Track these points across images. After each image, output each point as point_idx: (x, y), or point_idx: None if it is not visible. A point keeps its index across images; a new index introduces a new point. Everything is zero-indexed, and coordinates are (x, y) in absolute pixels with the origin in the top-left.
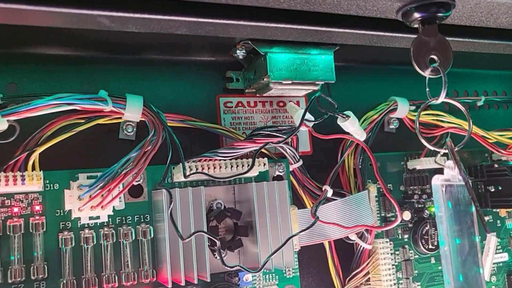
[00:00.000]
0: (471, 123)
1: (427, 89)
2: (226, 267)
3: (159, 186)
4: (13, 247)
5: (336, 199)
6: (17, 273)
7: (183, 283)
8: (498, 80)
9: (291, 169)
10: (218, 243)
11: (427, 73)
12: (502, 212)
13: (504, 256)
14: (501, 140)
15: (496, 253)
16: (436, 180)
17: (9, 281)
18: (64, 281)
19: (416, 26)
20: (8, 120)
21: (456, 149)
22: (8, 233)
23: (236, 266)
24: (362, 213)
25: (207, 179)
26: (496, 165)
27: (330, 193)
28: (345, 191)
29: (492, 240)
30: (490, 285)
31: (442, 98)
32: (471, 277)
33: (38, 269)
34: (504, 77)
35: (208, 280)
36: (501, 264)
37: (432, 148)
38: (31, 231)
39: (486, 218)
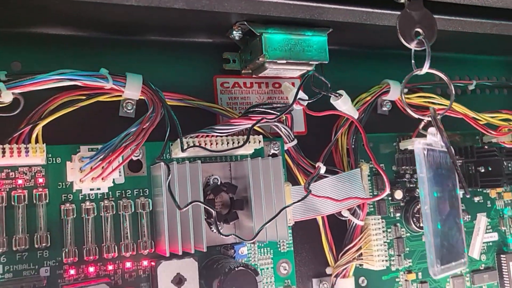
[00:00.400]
0: (453, 90)
1: (413, 61)
2: (222, 239)
3: (158, 160)
4: (17, 217)
5: (328, 176)
6: (21, 242)
7: (180, 253)
8: (489, 66)
9: (286, 148)
10: (214, 212)
11: (412, 46)
12: (492, 193)
13: (494, 236)
14: (492, 122)
15: (486, 232)
16: (418, 144)
17: (14, 249)
18: (66, 250)
19: (402, 1)
20: (13, 93)
21: (439, 116)
22: (13, 203)
23: (231, 235)
24: (354, 190)
25: (204, 156)
26: (486, 147)
27: (323, 170)
28: (338, 169)
29: (482, 220)
30: (480, 263)
31: (426, 69)
32: (452, 236)
33: (41, 238)
34: (495, 63)
35: (205, 250)
36: (490, 244)
37: (415, 115)
38: (34, 202)
39: (476, 199)
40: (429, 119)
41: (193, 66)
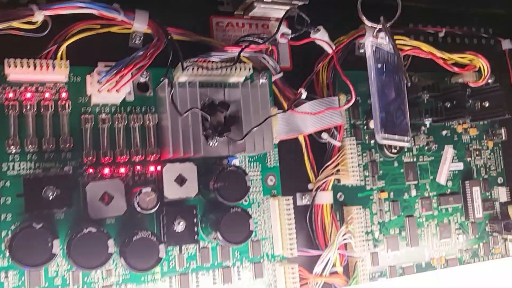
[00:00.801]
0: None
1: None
2: (218, 151)
3: (162, 78)
4: (45, 123)
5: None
6: (49, 143)
7: (181, 156)
8: (461, 18)
9: (273, 80)
10: (209, 118)
11: None
12: (459, 129)
13: (460, 165)
14: (460, 61)
15: (453, 162)
16: (368, 41)
17: (43, 148)
18: (85, 152)
19: None
20: (43, 15)
21: (388, 24)
22: (42, 112)
23: (226, 135)
24: (332, 113)
25: (201, 81)
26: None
27: (304, 95)
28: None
29: (449, 151)
30: (447, 188)
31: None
32: (397, 117)
33: (65, 140)
34: (466, 15)
35: (202, 154)
36: (456, 172)
37: (368, 23)
38: (59, 111)
39: (444, 132)
40: (381, 26)
41: (191, 7)
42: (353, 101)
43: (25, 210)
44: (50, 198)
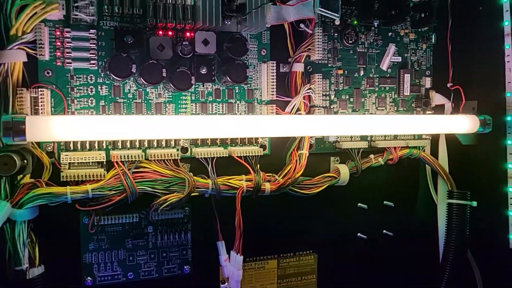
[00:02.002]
0: None
1: None
2: (230, 29)
3: None
4: None
5: None
6: (128, 10)
7: None
8: None
9: None
10: (226, 4)
11: None
12: (402, 32)
13: (399, 59)
14: None
15: (394, 56)
16: None
17: (124, 13)
18: (149, 18)
19: None
20: None
21: None
22: None
23: (236, 16)
24: (306, 8)
25: None
26: None
27: None
28: None
29: (392, 47)
30: (387, 73)
31: None
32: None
33: (138, 9)
34: None
35: (220, 28)
36: (396, 63)
37: None
38: None
39: (390, 34)
40: None
41: None
42: None
43: (115, 47)
44: (129, 42)
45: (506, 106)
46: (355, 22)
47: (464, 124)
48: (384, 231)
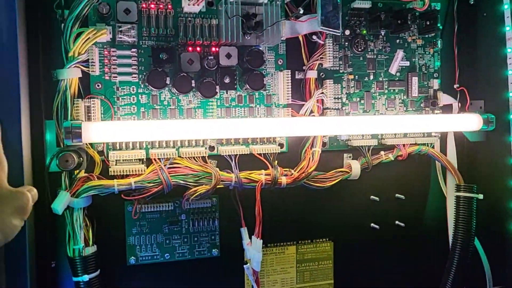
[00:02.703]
0: None
1: None
2: (250, 43)
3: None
4: (160, 20)
5: None
6: (162, 30)
7: None
8: None
9: (285, 1)
10: (245, 22)
11: None
12: (409, 39)
13: (407, 63)
14: None
15: (402, 60)
16: None
17: (159, 33)
18: (180, 37)
19: None
20: None
21: None
22: (158, 14)
23: (254, 32)
24: (316, 22)
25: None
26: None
27: (302, 11)
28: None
29: (400, 53)
30: (396, 76)
31: None
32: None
33: (171, 30)
34: None
35: (241, 43)
36: (404, 67)
37: None
38: (167, 14)
39: (398, 41)
40: None
41: None
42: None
43: (152, 63)
44: (164, 58)
45: (510, 105)
46: (364, 31)
47: (468, 122)
48: (396, 222)
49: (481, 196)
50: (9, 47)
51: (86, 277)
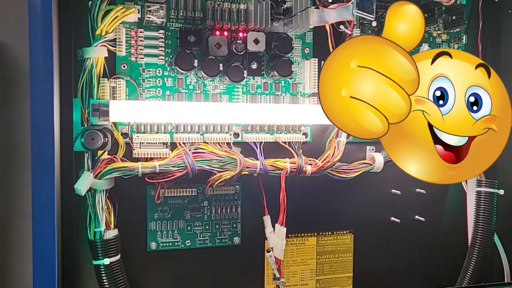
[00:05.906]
0: None
1: None
2: (277, 29)
3: None
4: (188, 3)
5: None
6: (191, 13)
7: None
8: None
9: None
10: (274, 7)
11: None
12: (434, 33)
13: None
14: None
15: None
16: None
17: (187, 16)
18: (208, 20)
19: None
20: None
21: None
22: None
23: (283, 18)
24: (345, 11)
25: None
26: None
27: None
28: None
29: (425, 46)
30: None
31: None
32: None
33: (198, 13)
34: None
35: (269, 29)
36: None
37: None
38: None
39: (427, 29)
40: None
41: None
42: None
43: (179, 45)
44: (191, 41)
45: None
46: None
47: None
48: (416, 216)
49: (502, 192)
50: (44, 22)
51: (107, 260)
